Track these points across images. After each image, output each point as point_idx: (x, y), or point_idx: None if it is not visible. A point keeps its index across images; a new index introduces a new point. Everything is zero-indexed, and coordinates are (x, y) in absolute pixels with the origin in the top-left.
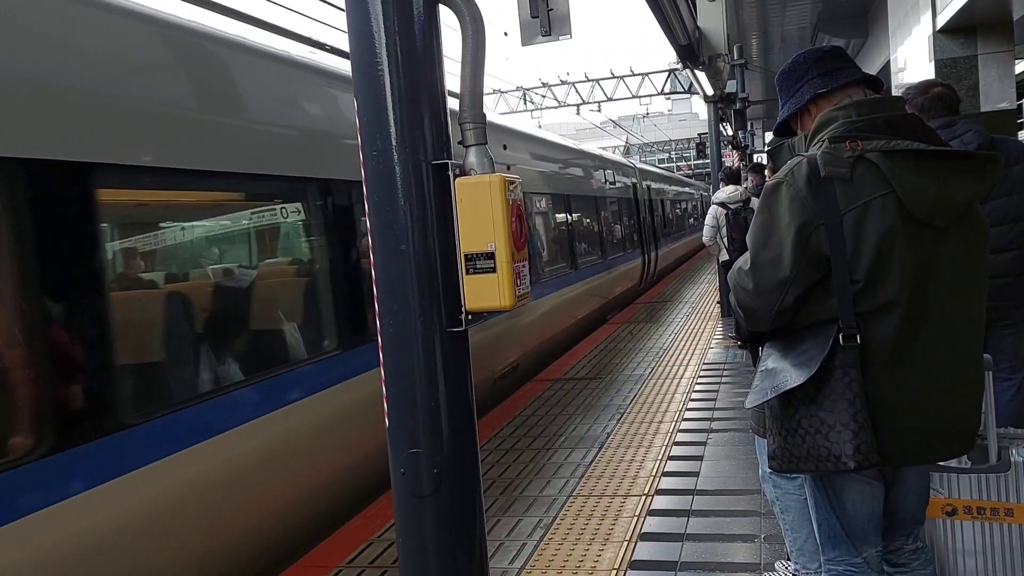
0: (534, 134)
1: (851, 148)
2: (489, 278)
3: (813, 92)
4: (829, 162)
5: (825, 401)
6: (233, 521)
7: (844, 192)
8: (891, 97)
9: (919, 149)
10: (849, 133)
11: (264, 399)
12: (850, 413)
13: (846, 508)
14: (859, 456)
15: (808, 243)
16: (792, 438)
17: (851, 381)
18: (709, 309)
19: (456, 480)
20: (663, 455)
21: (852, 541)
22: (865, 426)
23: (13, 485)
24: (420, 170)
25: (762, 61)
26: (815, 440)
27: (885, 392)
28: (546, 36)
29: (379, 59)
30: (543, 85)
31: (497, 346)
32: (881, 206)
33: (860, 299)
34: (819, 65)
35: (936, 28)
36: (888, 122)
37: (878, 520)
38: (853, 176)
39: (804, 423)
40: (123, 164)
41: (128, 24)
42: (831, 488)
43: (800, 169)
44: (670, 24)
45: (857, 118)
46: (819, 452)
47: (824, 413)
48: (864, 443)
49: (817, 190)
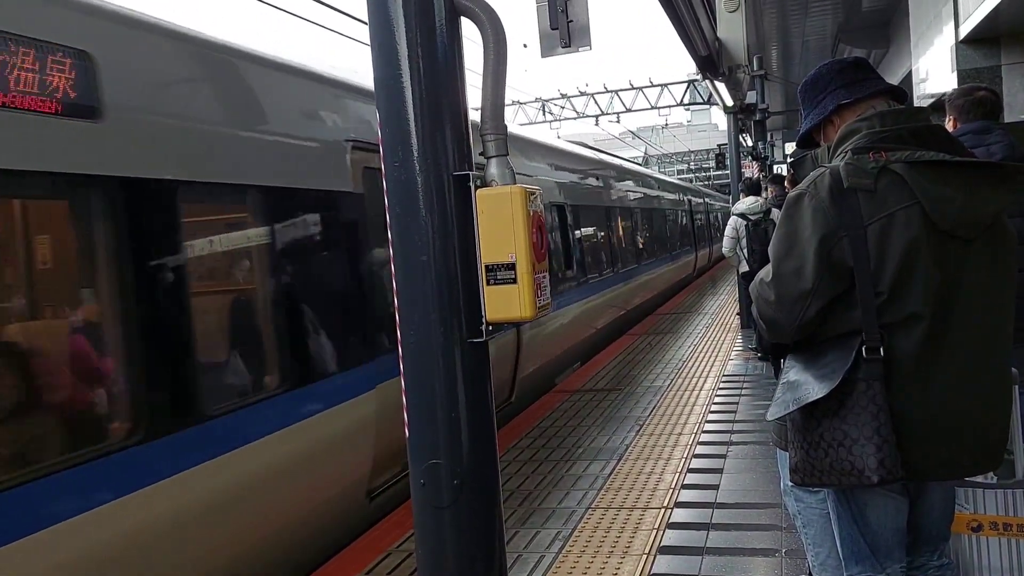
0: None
1: (875, 159)
2: (510, 289)
3: (836, 103)
4: (852, 173)
5: (848, 414)
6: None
7: (868, 203)
8: (915, 108)
9: (944, 160)
10: (873, 144)
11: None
12: (873, 427)
13: (870, 523)
14: (883, 470)
15: (831, 255)
16: (815, 451)
17: (875, 394)
18: (729, 321)
19: (476, 491)
20: (683, 467)
21: (876, 557)
22: (889, 440)
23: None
24: (441, 181)
25: (782, 72)
26: (838, 454)
27: (910, 406)
28: (566, 48)
29: (401, 72)
30: (562, 96)
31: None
32: (905, 217)
33: (884, 311)
34: (842, 76)
35: (959, 38)
36: (913, 132)
37: (902, 535)
38: (877, 187)
39: (827, 436)
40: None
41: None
42: (854, 503)
43: (823, 180)
44: (689, 35)
45: (881, 128)
46: (842, 466)
47: (847, 426)
48: (888, 457)
49: (840, 201)
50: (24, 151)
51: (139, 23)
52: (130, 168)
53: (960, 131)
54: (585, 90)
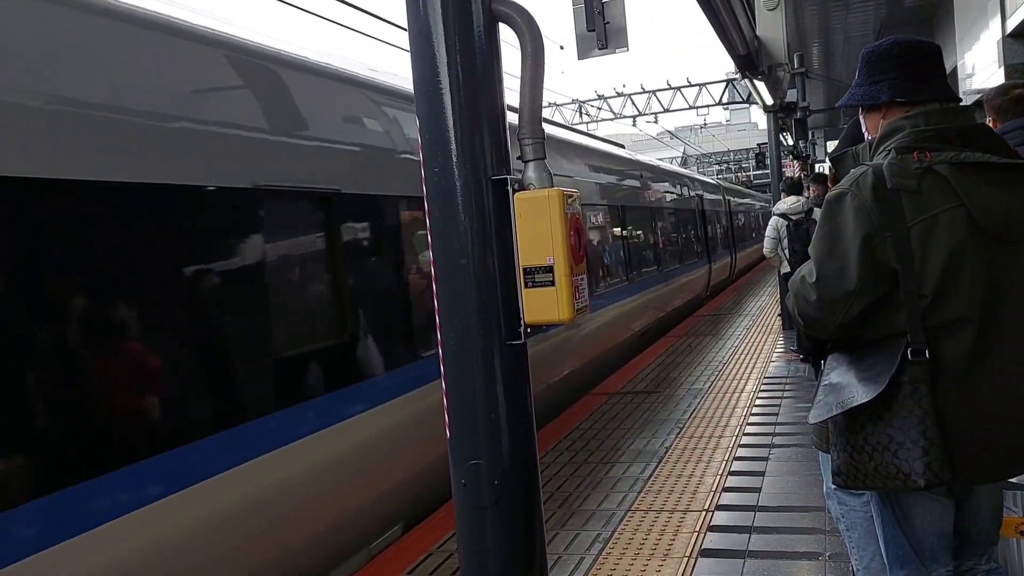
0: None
1: (919, 159)
2: (548, 292)
3: (890, 98)
4: (896, 173)
5: (894, 418)
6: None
7: (911, 204)
8: (961, 107)
9: (989, 161)
10: (917, 144)
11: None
12: (920, 430)
13: (915, 526)
14: (929, 474)
15: (874, 255)
16: (859, 455)
17: (920, 397)
18: (770, 322)
19: (516, 491)
20: (724, 470)
21: (921, 560)
22: (936, 443)
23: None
24: (480, 185)
25: (823, 69)
26: (883, 457)
27: (956, 409)
28: (602, 49)
29: (440, 77)
30: (599, 97)
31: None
32: (950, 219)
33: (929, 314)
34: (907, 66)
35: (1005, 32)
36: (959, 132)
37: (948, 539)
38: (921, 188)
39: (871, 440)
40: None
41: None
42: (898, 506)
43: (865, 179)
44: (728, 34)
45: (926, 128)
46: (887, 470)
47: (892, 430)
48: (935, 460)
49: (883, 201)
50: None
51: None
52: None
53: (1003, 129)
54: (622, 91)
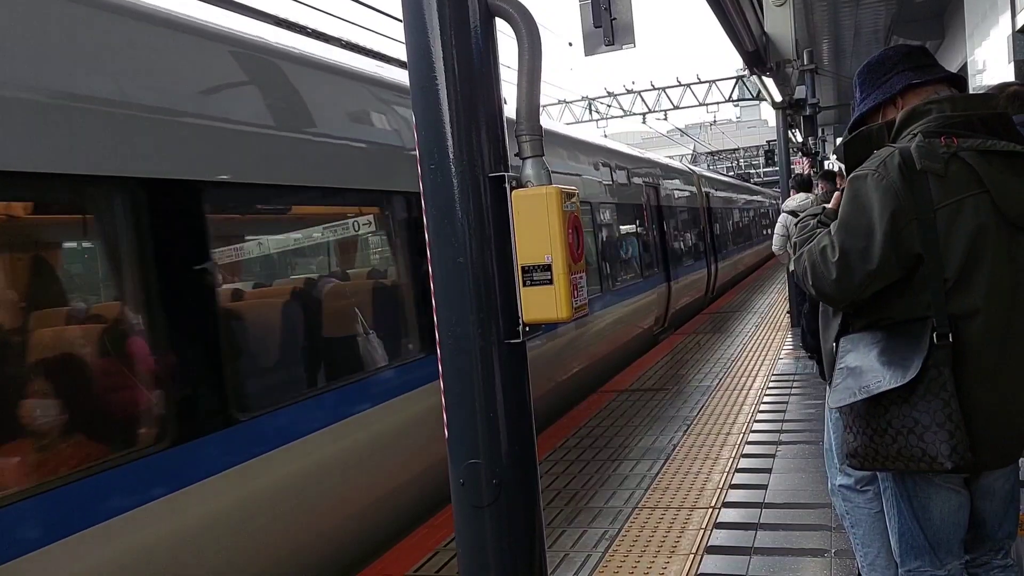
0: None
1: (946, 144)
2: (546, 290)
3: (905, 83)
4: (925, 155)
5: (919, 401)
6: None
7: (938, 188)
8: (986, 95)
9: (1015, 151)
10: (944, 129)
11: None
12: (946, 413)
13: (933, 518)
14: (956, 456)
15: (901, 235)
16: (880, 438)
17: (945, 381)
18: (778, 319)
19: (515, 491)
20: (731, 467)
21: (936, 552)
22: (961, 426)
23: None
24: (477, 183)
25: (833, 66)
26: (908, 440)
27: (979, 395)
28: (609, 46)
29: (436, 73)
30: (608, 95)
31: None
32: (974, 205)
33: (951, 299)
34: (910, 59)
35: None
36: (984, 121)
37: (963, 531)
38: (947, 172)
39: (896, 423)
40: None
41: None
42: (916, 499)
43: (892, 160)
44: (736, 30)
45: (952, 113)
46: (911, 452)
47: (917, 413)
48: (960, 443)
49: (911, 183)
50: None
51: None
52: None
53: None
54: (632, 88)
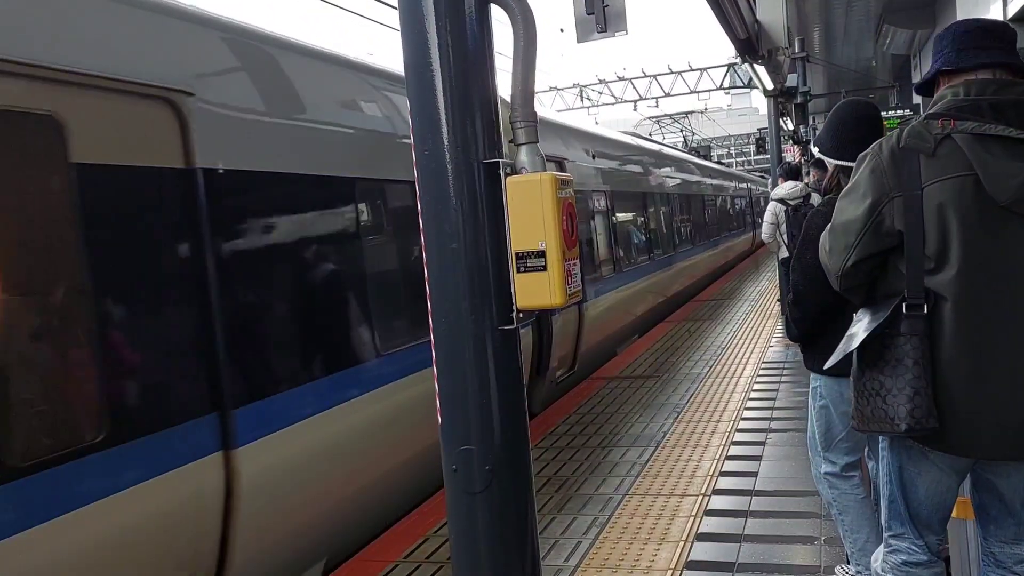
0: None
1: (942, 125)
2: (540, 276)
3: (938, 68)
4: (911, 134)
5: (886, 366)
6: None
7: (928, 167)
8: (1010, 80)
9: (1009, 135)
10: (948, 111)
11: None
12: (906, 379)
13: (918, 491)
14: (911, 419)
15: (881, 215)
16: (861, 400)
17: (911, 348)
18: (769, 307)
19: (508, 477)
20: (721, 455)
21: (915, 524)
22: (921, 392)
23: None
24: (471, 169)
25: (824, 54)
26: (875, 403)
27: (958, 378)
28: (602, 32)
29: (431, 59)
30: (600, 82)
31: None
32: (960, 186)
33: (931, 276)
34: (959, 40)
35: (1006, 17)
36: (993, 105)
37: (946, 513)
38: (937, 152)
39: (869, 386)
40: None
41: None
42: (907, 469)
43: (889, 140)
44: (728, 17)
45: (964, 97)
46: (877, 414)
47: (884, 377)
48: (918, 408)
49: (899, 162)
50: None
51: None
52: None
53: None
54: (623, 75)
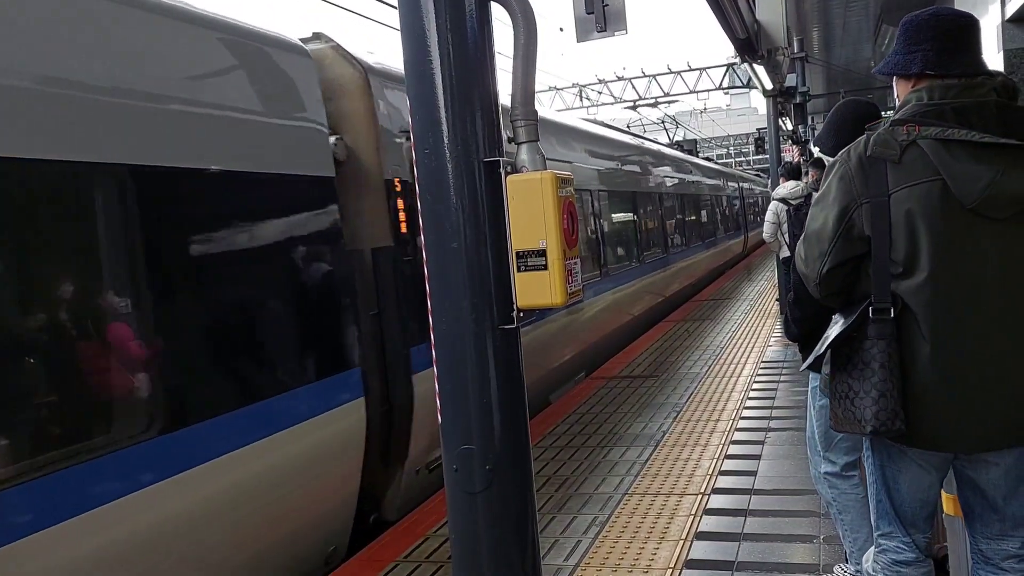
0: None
1: (907, 131)
2: (540, 275)
3: (921, 69)
4: (877, 142)
5: (854, 369)
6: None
7: (895, 173)
8: (972, 83)
9: (972, 140)
10: (912, 117)
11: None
12: (872, 382)
13: (901, 489)
14: (876, 422)
15: (851, 221)
16: (835, 402)
17: (878, 352)
18: (768, 307)
19: (508, 477)
20: (720, 454)
21: (901, 521)
22: (886, 395)
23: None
24: (472, 168)
25: (823, 54)
26: (845, 405)
27: (930, 379)
28: (601, 32)
29: (431, 57)
30: (599, 81)
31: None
32: (926, 191)
33: (900, 280)
34: (942, 40)
35: (1005, 17)
36: (956, 110)
37: (930, 510)
38: (903, 159)
39: (839, 389)
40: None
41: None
42: (888, 468)
43: (856, 147)
44: (727, 17)
45: (928, 102)
46: (848, 416)
47: (851, 380)
48: (883, 411)
49: (867, 170)
50: None
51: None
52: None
53: None
54: (622, 75)
